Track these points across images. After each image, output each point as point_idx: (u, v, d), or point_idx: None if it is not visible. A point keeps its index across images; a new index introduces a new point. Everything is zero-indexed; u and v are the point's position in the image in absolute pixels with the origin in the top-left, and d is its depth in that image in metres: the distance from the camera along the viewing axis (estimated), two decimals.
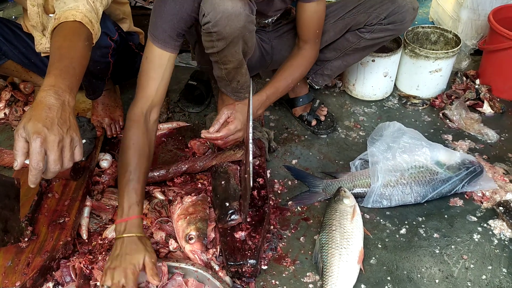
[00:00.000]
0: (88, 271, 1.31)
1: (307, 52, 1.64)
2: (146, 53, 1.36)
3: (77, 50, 1.14)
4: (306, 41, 1.62)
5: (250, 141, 1.11)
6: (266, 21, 1.67)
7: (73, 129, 1.02)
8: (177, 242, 1.39)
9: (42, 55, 1.71)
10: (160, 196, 1.56)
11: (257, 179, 1.55)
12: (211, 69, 1.55)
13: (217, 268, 1.34)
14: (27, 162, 0.96)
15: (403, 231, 1.48)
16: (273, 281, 1.34)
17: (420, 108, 2.05)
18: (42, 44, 1.66)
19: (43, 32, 1.65)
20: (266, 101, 1.55)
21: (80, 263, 1.32)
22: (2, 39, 1.70)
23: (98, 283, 1.23)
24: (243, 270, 1.29)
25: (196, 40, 1.62)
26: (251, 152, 1.09)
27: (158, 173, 1.61)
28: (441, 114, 1.99)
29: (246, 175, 1.15)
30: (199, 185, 1.62)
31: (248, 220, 1.39)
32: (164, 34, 1.31)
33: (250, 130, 1.10)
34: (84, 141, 1.49)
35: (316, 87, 1.89)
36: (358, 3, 1.63)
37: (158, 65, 1.35)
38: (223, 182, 1.51)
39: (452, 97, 2.06)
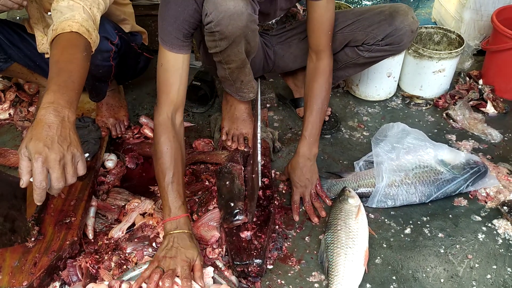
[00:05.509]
0: (94, 271, 1.32)
1: (324, 65, 1.55)
2: (160, 59, 1.36)
3: (76, 63, 1.14)
4: (320, 50, 1.54)
5: (258, 141, 1.11)
6: (270, 22, 1.67)
7: (74, 145, 1.03)
8: None
9: (46, 56, 1.71)
10: None
11: (263, 179, 1.55)
12: (215, 69, 1.56)
13: (223, 267, 1.35)
14: (32, 180, 0.98)
15: (407, 230, 1.49)
16: (278, 280, 1.34)
17: (424, 108, 2.06)
18: (43, 44, 1.65)
19: (44, 30, 1.64)
20: (311, 139, 1.55)
21: (87, 262, 1.33)
22: (7, 42, 1.69)
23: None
24: (249, 269, 1.30)
25: (201, 40, 1.62)
26: (259, 152, 1.10)
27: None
28: (444, 114, 1.99)
29: (253, 175, 1.15)
30: (206, 183, 1.63)
31: (254, 220, 1.40)
32: (170, 36, 1.32)
33: (259, 130, 1.10)
34: (87, 154, 1.53)
35: None
36: (357, 18, 1.59)
37: (174, 69, 1.35)
38: (227, 183, 1.51)
39: (456, 97, 2.07)
